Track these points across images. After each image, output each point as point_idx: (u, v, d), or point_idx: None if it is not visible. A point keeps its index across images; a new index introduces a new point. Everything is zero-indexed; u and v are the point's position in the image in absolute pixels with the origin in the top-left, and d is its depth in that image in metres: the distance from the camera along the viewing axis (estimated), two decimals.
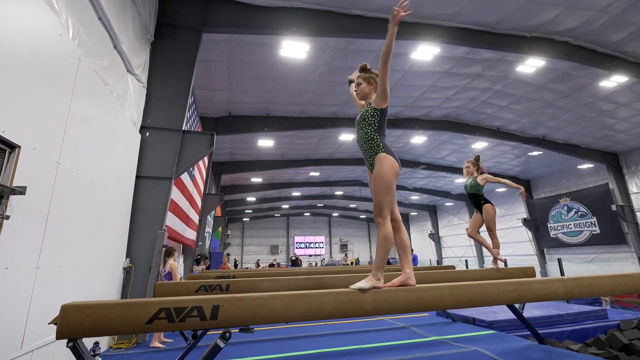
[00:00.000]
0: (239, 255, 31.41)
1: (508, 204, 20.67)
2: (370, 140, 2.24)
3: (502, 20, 7.38)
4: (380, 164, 2.16)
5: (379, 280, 2.00)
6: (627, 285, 2.41)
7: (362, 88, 2.40)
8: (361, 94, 2.42)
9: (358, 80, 2.43)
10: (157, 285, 2.97)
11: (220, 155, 14.46)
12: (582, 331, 5.07)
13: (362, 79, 2.41)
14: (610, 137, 13.32)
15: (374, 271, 2.03)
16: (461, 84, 10.04)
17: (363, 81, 2.40)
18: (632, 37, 7.81)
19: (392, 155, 2.19)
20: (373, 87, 2.37)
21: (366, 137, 2.25)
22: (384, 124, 2.28)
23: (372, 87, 2.37)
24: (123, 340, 4.46)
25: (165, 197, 5.17)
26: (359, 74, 2.45)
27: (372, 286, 1.96)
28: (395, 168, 2.17)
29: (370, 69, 2.45)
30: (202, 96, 9.74)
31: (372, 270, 2.03)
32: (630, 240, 14.26)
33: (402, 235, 2.23)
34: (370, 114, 2.25)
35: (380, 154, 2.19)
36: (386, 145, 2.23)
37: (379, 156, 2.19)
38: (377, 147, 2.21)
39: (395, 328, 4.91)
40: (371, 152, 2.24)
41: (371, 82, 2.38)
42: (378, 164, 2.18)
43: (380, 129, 2.26)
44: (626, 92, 10.07)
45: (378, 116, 2.24)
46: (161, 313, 1.62)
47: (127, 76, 4.81)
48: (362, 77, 2.42)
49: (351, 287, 1.96)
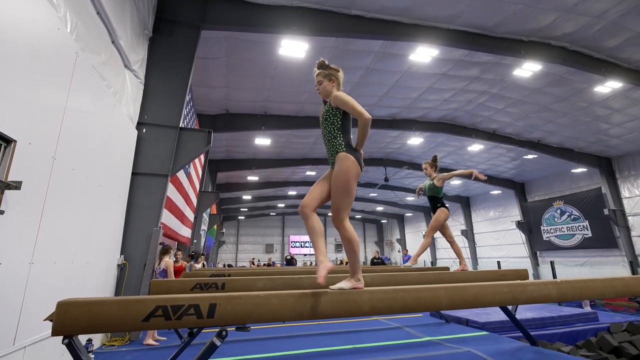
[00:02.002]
0: (233, 253, 31.34)
1: (502, 207, 20.84)
2: (333, 138, 2.17)
3: (500, 24, 7.44)
4: (340, 164, 2.09)
5: (359, 281, 2.01)
6: (618, 289, 2.45)
7: (324, 86, 2.30)
8: (323, 92, 2.31)
9: (318, 79, 2.32)
10: (153, 283, 2.96)
11: (216, 153, 14.40)
12: (573, 333, 5.15)
13: (322, 76, 2.31)
14: (604, 141, 13.48)
15: (352, 273, 2.03)
16: (459, 86, 10.09)
17: (324, 78, 2.30)
18: (627, 43, 7.91)
19: (353, 155, 2.11)
20: (335, 83, 2.30)
21: (329, 136, 2.19)
22: (348, 123, 2.22)
23: (333, 83, 2.30)
24: (116, 338, 4.44)
25: (161, 194, 5.15)
26: (318, 71, 2.34)
27: (353, 287, 1.97)
28: (356, 169, 2.08)
29: (329, 65, 2.35)
30: (200, 93, 9.70)
31: (350, 272, 2.04)
32: (622, 244, 14.45)
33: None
34: (332, 113, 2.20)
35: (341, 153, 2.11)
36: (349, 144, 2.16)
37: (339, 156, 2.11)
38: (338, 146, 2.14)
39: (390, 328, 4.94)
40: (333, 150, 2.17)
41: (332, 78, 2.29)
42: (338, 163, 2.10)
43: (343, 127, 2.19)
44: (620, 98, 10.20)
45: (340, 114, 2.18)
46: (158, 311, 1.62)
47: (125, 72, 4.78)
48: (322, 74, 2.31)
49: (332, 287, 1.95)
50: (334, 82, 2.31)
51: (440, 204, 4.35)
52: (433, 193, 4.43)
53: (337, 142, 2.16)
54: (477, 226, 22.83)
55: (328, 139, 2.21)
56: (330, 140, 2.20)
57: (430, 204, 4.49)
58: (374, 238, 36.15)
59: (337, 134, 2.17)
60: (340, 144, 2.15)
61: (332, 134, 2.19)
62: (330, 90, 2.29)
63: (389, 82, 9.79)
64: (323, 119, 2.25)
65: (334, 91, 2.27)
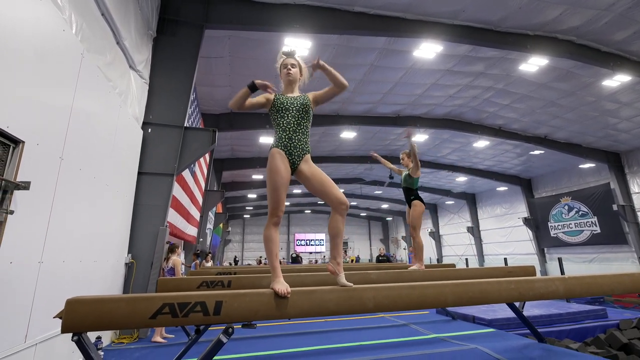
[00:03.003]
0: (239, 252, 31.51)
1: (509, 203, 20.67)
2: (307, 135, 2.17)
3: (506, 18, 7.35)
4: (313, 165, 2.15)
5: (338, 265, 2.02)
6: (627, 285, 2.42)
7: (295, 71, 2.26)
8: (294, 77, 2.26)
9: (292, 62, 2.26)
10: (160, 281, 2.99)
11: (221, 152, 14.47)
12: (581, 330, 5.10)
13: (296, 62, 2.28)
14: (612, 136, 13.28)
15: (335, 263, 2.04)
16: (463, 82, 10.00)
17: (299, 65, 2.31)
18: (636, 36, 7.76)
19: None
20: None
21: (306, 131, 2.17)
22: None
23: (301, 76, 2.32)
24: (125, 335, 4.50)
25: (166, 193, 5.19)
26: (286, 58, 2.30)
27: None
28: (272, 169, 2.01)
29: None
30: (204, 93, 9.74)
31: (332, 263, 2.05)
32: (631, 240, 14.24)
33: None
34: (311, 107, 2.21)
35: (309, 154, 2.16)
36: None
37: (308, 156, 2.16)
38: (308, 145, 2.17)
39: (396, 325, 4.93)
40: (305, 147, 2.16)
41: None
42: (311, 163, 2.15)
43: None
44: (629, 92, 10.03)
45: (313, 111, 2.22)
46: (165, 308, 1.64)
47: (130, 72, 4.82)
48: (295, 60, 2.28)
49: (341, 283, 1.98)
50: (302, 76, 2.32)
51: (414, 197, 4.12)
52: (408, 184, 4.19)
53: (307, 140, 2.15)
54: (483, 223, 22.68)
55: (304, 133, 2.13)
56: (305, 135, 2.14)
57: (404, 197, 4.25)
58: (379, 235, 36.12)
59: (308, 131, 2.18)
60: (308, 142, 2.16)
61: (308, 129, 2.17)
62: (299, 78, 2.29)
63: (393, 79, 9.73)
64: (303, 111, 2.14)
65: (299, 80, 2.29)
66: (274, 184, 1.97)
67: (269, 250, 2.00)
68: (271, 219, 1.99)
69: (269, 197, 1.99)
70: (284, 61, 2.29)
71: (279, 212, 1.98)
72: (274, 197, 1.97)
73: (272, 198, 1.98)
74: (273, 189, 1.98)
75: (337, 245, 2.07)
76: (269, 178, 1.99)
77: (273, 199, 1.98)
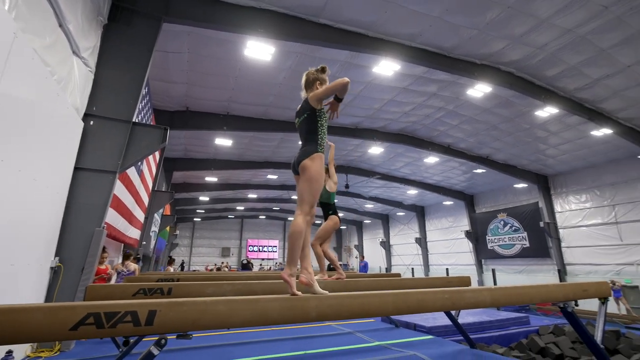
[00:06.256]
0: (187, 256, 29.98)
1: (454, 216, 22.12)
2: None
3: (457, 46, 7.97)
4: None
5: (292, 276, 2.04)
6: (543, 295, 2.71)
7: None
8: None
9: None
10: (90, 288, 2.74)
11: (173, 151, 13.77)
12: (507, 336, 5.57)
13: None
14: (542, 161, 14.89)
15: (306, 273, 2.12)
16: (418, 100, 10.61)
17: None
18: (563, 74, 8.85)
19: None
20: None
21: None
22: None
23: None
24: (43, 349, 4.03)
25: (107, 192, 4.80)
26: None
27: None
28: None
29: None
30: (159, 88, 9.25)
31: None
32: (553, 254, 15.98)
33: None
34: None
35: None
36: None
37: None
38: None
39: (341, 334, 5.00)
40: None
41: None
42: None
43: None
44: (557, 122, 11.36)
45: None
46: (89, 318, 1.50)
47: (73, 58, 4.43)
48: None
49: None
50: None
51: (332, 212, 4.06)
52: (325, 200, 4.11)
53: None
54: (430, 234, 23.99)
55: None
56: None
57: (322, 211, 4.14)
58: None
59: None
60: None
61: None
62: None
63: (354, 92, 10.04)
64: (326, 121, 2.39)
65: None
66: (320, 185, 2.23)
67: (299, 243, 2.08)
68: (306, 216, 2.14)
69: (314, 195, 2.17)
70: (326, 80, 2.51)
71: (314, 210, 2.20)
72: (316, 196, 2.20)
73: (315, 196, 2.19)
74: (318, 189, 2.20)
75: (307, 255, 2.21)
76: (318, 179, 2.19)
77: (315, 197, 2.19)
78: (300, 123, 2.35)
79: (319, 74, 2.45)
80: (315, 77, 2.43)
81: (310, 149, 2.22)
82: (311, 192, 2.16)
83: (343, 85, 2.18)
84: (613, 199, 14.20)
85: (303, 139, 2.32)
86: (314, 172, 2.15)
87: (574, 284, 3.00)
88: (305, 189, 2.17)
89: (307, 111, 2.29)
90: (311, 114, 2.28)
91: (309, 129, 2.28)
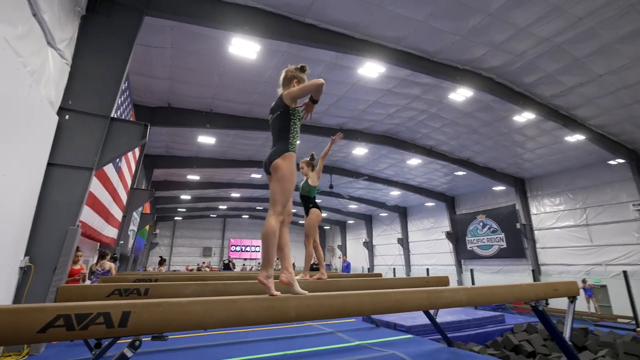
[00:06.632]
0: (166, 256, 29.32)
1: (435, 217, 22.55)
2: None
3: (440, 51, 8.14)
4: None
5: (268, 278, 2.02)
6: (516, 294, 2.81)
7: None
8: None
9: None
10: (61, 289, 2.64)
11: (154, 148, 13.45)
12: (484, 334, 5.73)
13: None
14: (519, 164, 15.39)
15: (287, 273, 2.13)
16: (402, 103, 10.77)
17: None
18: (540, 81, 9.17)
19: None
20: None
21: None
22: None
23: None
24: (10, 353, 3.85)
25: (82, 189, 4.64)
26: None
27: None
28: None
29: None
30: (140, 83, 9.01)
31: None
32: (528, 254, 16.56)
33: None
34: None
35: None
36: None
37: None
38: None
39: (322, 334, 5.02)
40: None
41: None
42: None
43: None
44: (534, 127, 11.77)
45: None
46: (59, 320, 1.45)
47: (48, 50, 4.26)
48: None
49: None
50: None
51: (312, 205, 4.09)
52: (306, 192, 4.14)
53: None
54: (412, 235, 24.37)
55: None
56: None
57: (302, 205, 4.18)
58: None
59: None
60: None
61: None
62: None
63: (339, 92, 10.09)
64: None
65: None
66: (292, 184, 2.18)
67: (274, 244, 2.06)
68: (279, 215, 2.11)
69: (286, 195, 2.14)
70: (305, 79, 2.50)
71: (286, 209, 2.17)
72: (288, 196, 2.17)
73: (287, 197, 2.15)
74: (290, 189, 2.17)
75: (287, 255, 2.24)
76: (290, 179, 2.15)
77: (287, 197, 2.16)
78: (273, 120, 2.31)
79: (298, 72, 2.43)
80: (293, 75, 2.41)
81: (281, 147, 2.19)
82: (283, 192, 2.12)
83: (318, 86, 2.17)
84: (585, 202, 14.84)
85: (275, 137, 2.28)
86: (285, 171, 2.12)
87: (545, 283, 3.13)
88: (277, 189, 2.13)
89: (280, 108, 2.25)
90: (285, 112, 2.24)
91: (281, 127, 2.24)
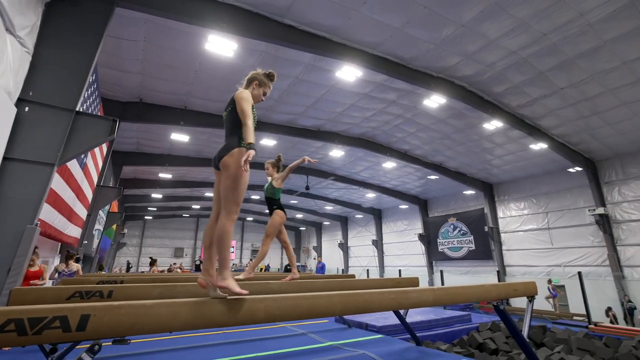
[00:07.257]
0: (135, 257, 28.22)
1: (409, 220, 23.10)
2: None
3: (416, 58, 8.37)
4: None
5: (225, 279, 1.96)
6: (481, 294, 2.94)
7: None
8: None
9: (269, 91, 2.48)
10: (14, 291, 2.47)
11: (124, 144, 12.91)
12: (451, 333, 5.94)
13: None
14: (487, 170, 16.10)
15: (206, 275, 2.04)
16: (378, 107, 10.97)
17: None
18: (508, 91, 9.66)
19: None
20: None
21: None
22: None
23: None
24: None
25: (42, 186, 4.38)
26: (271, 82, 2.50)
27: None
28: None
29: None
30: (110, 76, 8.63)
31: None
32: (495, 256, 17.32)
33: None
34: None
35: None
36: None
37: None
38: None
39: (294, 335, 5.01)
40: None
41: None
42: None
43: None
44: (501, 135, 12.35)
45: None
46: (10, 325, 1.37)
47: (6, 37, 4.00)
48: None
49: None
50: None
51: (276, 206, 4.16)
52: (270, 194, 4.19)
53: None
54: (386, 237, 24.83)
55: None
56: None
57: (267, 206, 4.24)
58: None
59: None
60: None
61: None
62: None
63: (316, 94, 10.13)
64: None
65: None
66: (245, 180, 2.06)
67: (228, 246, 2.04)
68: (235, 216, 2.06)
69: (239, 196, 2.05)
70: (268, 86, 2.44)
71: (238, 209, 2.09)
72: (242, 194, 2.08)
73: (241, 195, 2.07)
74: (244, 188, 2.07)
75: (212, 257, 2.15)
76: (243, 175, 2.02)
77: (241, 196, 2.07)
78: (226, 116, 2.24)
79: (263, 77, 2.39)
80: (254, 77, 2.37)
81: (231, 143, 2.08)
82: (236, 189, 2.02)
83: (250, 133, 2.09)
84: (547, 206, 15.73)
85: (227, 133, 2.19)
86: (236, 168, 2.00)
87: (506, 284, 3.29)
88: (229, 187, 2.02)
89: (232, 104, 2.19)
90: (235, 108, 2.17)
91: (233, 121, 2.15)
